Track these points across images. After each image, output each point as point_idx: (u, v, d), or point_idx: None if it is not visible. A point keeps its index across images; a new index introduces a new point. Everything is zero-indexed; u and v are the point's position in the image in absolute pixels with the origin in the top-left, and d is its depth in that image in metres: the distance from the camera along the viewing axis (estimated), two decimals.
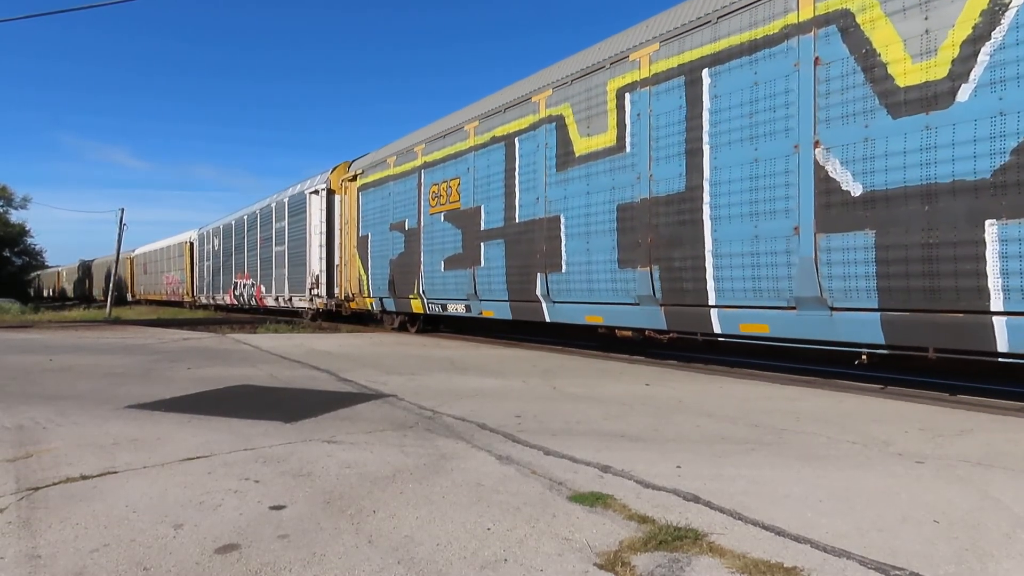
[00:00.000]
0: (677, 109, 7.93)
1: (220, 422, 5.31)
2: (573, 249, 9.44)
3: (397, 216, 14.38)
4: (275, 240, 22.03)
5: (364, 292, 15.97)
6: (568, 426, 5.14)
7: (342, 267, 17.32)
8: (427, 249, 13.15)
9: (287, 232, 20.78)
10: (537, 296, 10.17)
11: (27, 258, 62.34)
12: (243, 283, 25.75)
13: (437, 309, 13.14)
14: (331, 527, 3.02)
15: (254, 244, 24.31)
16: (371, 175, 15.86)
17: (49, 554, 2.74)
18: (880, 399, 6.32)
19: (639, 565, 2.58)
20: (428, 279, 13.12)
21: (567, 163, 9.56)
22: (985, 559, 2.63)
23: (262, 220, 23.39)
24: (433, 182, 13.06)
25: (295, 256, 19.95)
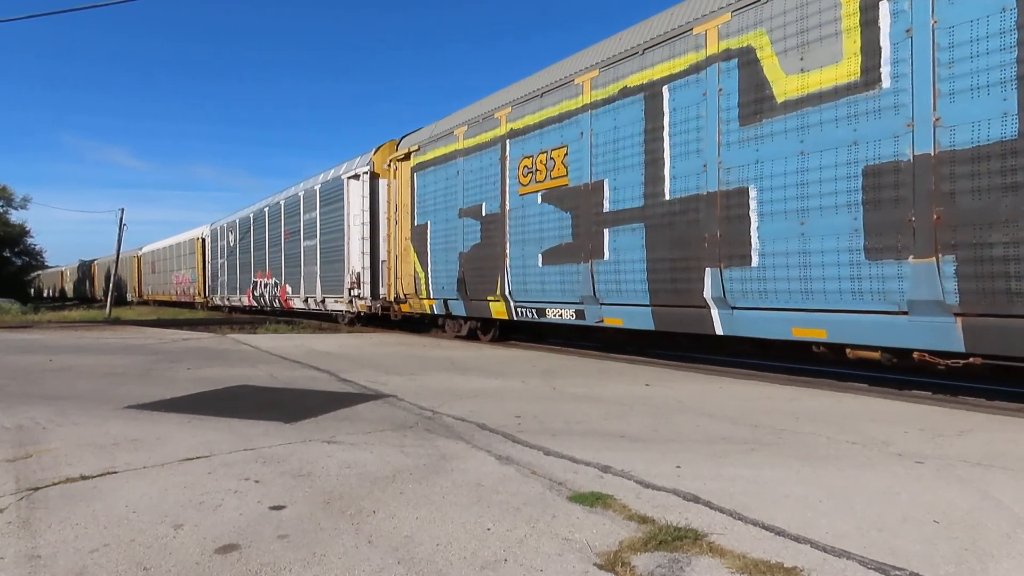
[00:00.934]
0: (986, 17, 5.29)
1: (220, 422, 5.31)
2: (772, 234, 6.79)
3: (470, 199, 11.84)
4: (304, 234, 19.54)
5: (422, 292, 13.56)
6: (568, 426, 5.14)
7: (391, 263, 14.93)
8: (516, 239, 10.60)
9: (319, 224, 18.33)
10: (704, 300, 7.57)
11: (27, 258, 62.39)
12: (264, 282, 23.53)
13: (529, 315, 10.54)
14: (331, 527, 3.02)
15: (277, 239, 21.92)
16: (430, 151, 13.28)
17: (49, 554, 2.74)
18: (880, 399, 6.32)
19: (639, 565, 2.58)
20: (517, 277, 10.61)
21: (760, 112, 6.91)
22: (985, 559, 2.63)
23: (287, 211, 20.99)
24: (525, 154, 10.42)
25: (330, 251, 17.61)
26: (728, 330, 7.50)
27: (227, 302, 28.14)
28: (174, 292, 36.82)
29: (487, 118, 11.54)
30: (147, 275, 43.69)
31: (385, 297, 15.38)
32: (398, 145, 14.97)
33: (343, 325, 18.18)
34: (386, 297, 15.34)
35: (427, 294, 13.42)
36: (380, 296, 15.56)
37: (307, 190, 19.32)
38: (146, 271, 44.00)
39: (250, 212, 25.16)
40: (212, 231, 30.55)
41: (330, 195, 17.59)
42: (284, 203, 21.42)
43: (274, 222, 22.37)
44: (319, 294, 18.48)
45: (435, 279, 13.07)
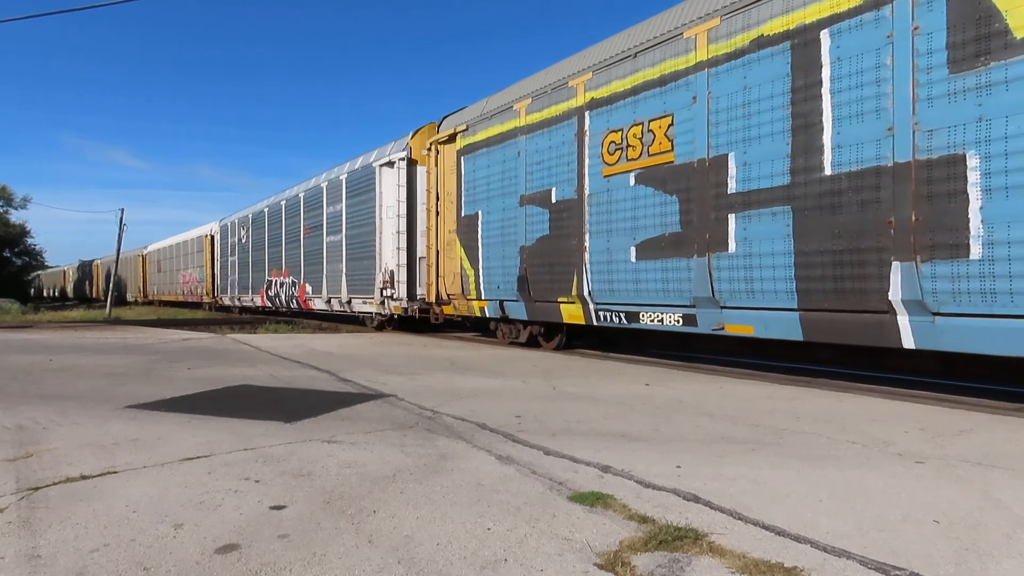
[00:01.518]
0: None
1: (220, 422, 5.31)
2: (1007, 215, 5.16)
3: (535, 183, 10.23)
4: (327, 228, 17.90)
5: (471, 293, 11.93)
6: (568, 426, 5.14)
7: (432, 260, 13.27)
8: (599, 229, 9.00)
9: (345, 217, 16.76)
10: (888, 303, 5.97)
11: (27, 258, 62.39)
12: (280, 282, 21.82)
13: (615, 319, 8.94)
14: (331, 527, 3.02)
15: (296, 234, 20.29)
16: (481, 131, 11.66)
17: (49, 554, 2.74)
18: (880, 399, 6.32)
19: (639, 565, 2.58)
20: (601, 274, 9.00)
21: (986, 53, 5.29)
22: (985, 559, 2.63)
23: (308, 204, 19.37)
24: (611, 127, 8.79)
25: (358, 247, 16.10)
26: (924, 342, 5.84)
27: (238, 302, 26.62)
28: (181, 292, 35.51)
29: (558, 88, 9.79)
30: (153, 275, 42.30)
31: (424, 298, 13.81)
32: (439, 127, 13.35)
33: (371, 328, 16.73)
34: (425, 298, 13.75)
35: (477, 294, 11.75)
36: (418, 297, 14.10)
37: (331, 181, 17.61)
38: (151, 270, 42.60)
39: (264, 206, 23.48)
40: (222, 227, 28.82)
41: (358, 185, 16.05)
42: (304, 195, 19.73)
43: (292, 216, 20.68)
44: (345, 294, 16.89)
45: (488, 277, 11.40)
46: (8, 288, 48.33)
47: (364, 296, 15.90)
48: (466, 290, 12.05)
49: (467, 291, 12.03)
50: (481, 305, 11.78)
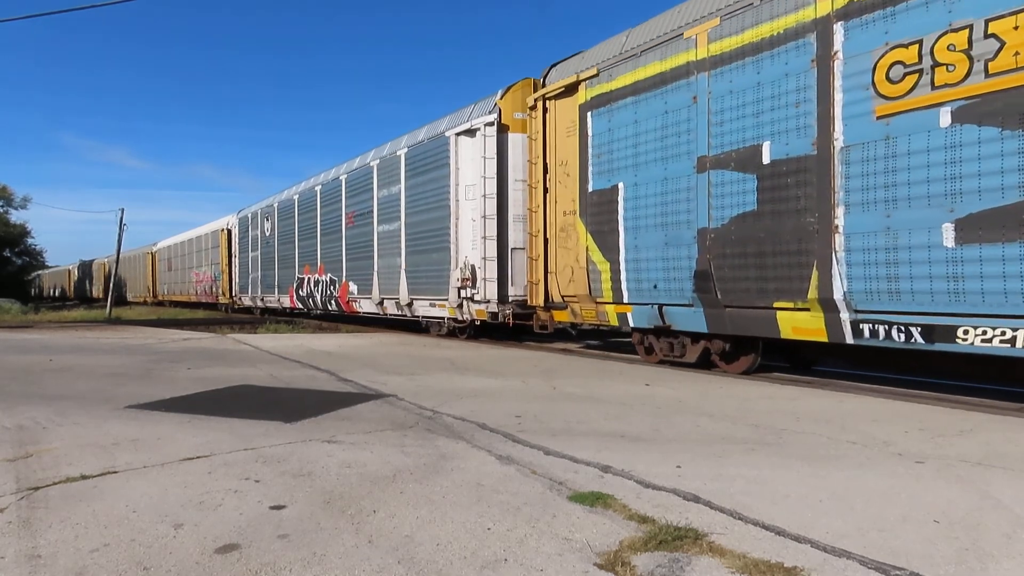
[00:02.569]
0: None
1: (220, 422, 5.31)
2: None
3: (728, 138, 7.49)
4: (379, 215, 15.14)
5: (603, 294, 9.23)
6: (568, 426, 5.14)
7: (536, 251, 10.51)
8: (866, 198, 6.22)
9: (404, 201, 14.08)
10: None
11: (27, 258, 62.49)
12: (314, 280, 18.90)
13: (899, 336, 6.09)
14: (331, 527, 3.02)
15: (335, 224, 17.48)
16: (623, 75, 8.90)
17: (49, 554, 2.74)
18: (880, 399, 6.32)
19: (639, 565, 2.58)
20: (874, 266, 6.21)
21: None
22: (985, 559, 2.63)
23: (351, 188, 16.56)
24: (893, 40, 5.98)
25: (423, 237, 13.48)
26: None
27: (261, 303, 23.88)
28: (194, 292, 32.72)
29: None
30: (163, 273, 39.45)
31: (519, 299, 11.37)
32: (545, 79, 10.60)
33: (438, 336, 13.93)
34: (524, 299, 11.21)
35: (614, 296, 9.02)
36: (509, 298, 11.48)
37: (385, 158, 14.97)
38: (161, 269, 39.70)
39: (294, 193, 20.76)
40: (241, 219, 25.80)
41: (424, 161, 13.37)
42: (347, 178, 16.84)
43: (331, 203, 17.73)
44: (404, 295, 14.13)
45: (635, 274, 8.68)
46: (8, 288, 48.34)
47: (432, 297, 13.25)
48: (595, 290, 9.25)
49: (596, 291, 9.22)
50: (621, 311, 8.91)
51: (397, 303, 14.67)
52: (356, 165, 16.66)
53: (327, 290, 18.31)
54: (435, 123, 13.55)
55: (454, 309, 12.50)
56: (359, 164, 16.46)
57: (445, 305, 12.85)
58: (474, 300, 12.02)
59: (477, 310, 12.01)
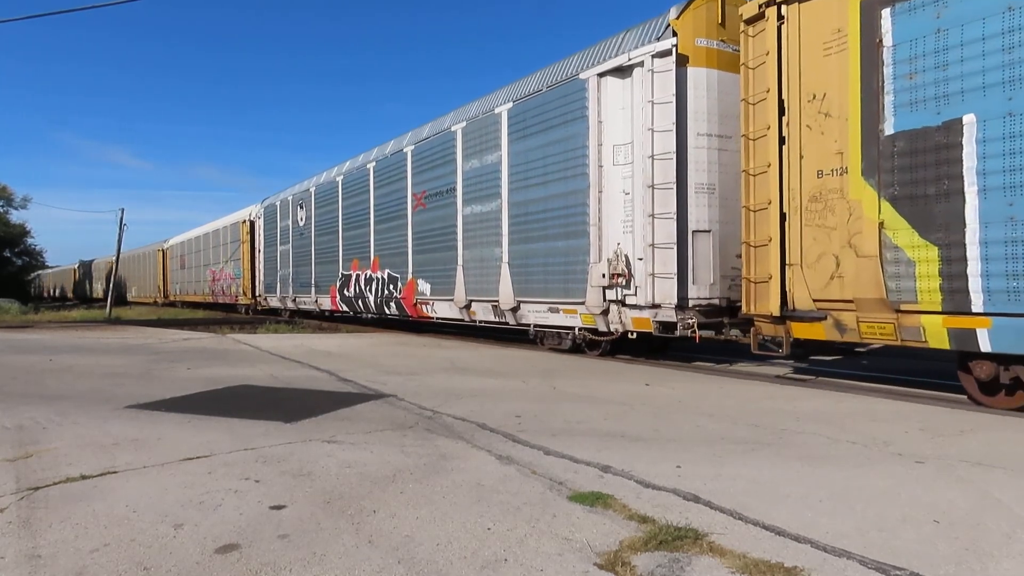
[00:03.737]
0: None
1: (220, 422, 5.31)
2: None
3: None
4: (464, 193, 12.19)
5: (916, 297, 6.12)
6: (568, 426, 5.14)
7: (764, 231, 7.36)
8: None
9: (507, 172, 11.00)
10: None
11: (27, 258, 62.49)
12: (366, 277, 15.87)
13: None
14: (331, 527, 3.02)
15: (397, 207, 14.42)
16: None
17: (49, 554, 2.74)
18: (880, 399, 6.32)
19: (639, 565, 2.58)
20: None
21: None
22: (985, 559, 2.63)
23: (420, 161, 13.66)
24: None
25: (536, 219, 10.42)
26: None
27: (292, 304, 20.88)
28: (210, 292, 29.86)
29: None
30: (174, 272, 36.52)
31: (709, 305, 8.47)
32: None
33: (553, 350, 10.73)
34: (720, 304, 8.45)
35: (947, 300, 5.92)
36: (690, 302, 8.38)
37: (475, 119, 11.95)
38: (173, 267, 36.74)
39: (336, 174, 17.70)
40: (267, 209, 22.81)
41: (540, 117, 10.30)
42: (414, 151, 13.87)
43: (389, 181, 14.81)
44: (508, 296, 10.99)
45: (1001, 262, 5.57)
46: (8, 288, 48.30)
47: (554, 300, 10.16)
48: (897, 291, 6.22)
49: (900, 293, 6.20)
50: (961, 326, 5.80)
51: (495, 307, 11.34)
52: (427, 133, 13.58)
53: (384, 290, 15.05)
54: (556, 66, 10.26)
55: (593, 316, 9.29)
56: (432, 132, 13.36)
57: (576, 311, 9.66)
58: (625, 304, 8.89)
59: (635, 318, 8.77)
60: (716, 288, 8.46)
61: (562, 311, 10.10)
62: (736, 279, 8.14)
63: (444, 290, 12.93)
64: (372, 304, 15.77)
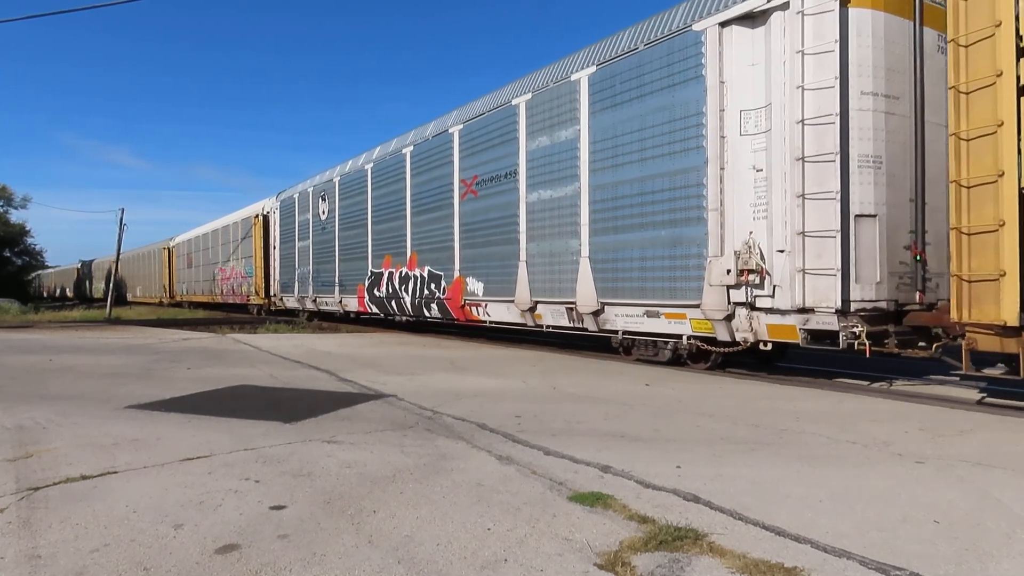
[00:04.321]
0: None
1: (220, 422, 5.31)
2: None
3: None
4: (528, 176, 10.50)
5: None
6: (568, 426, 5.14)
7: (989, 212, 5.55)
8: None
9: (588, 149, 9.40)
10: None
11: (27, 258, 62.53)
12: (400, 275, 14.32)
13: None
14: (331, 527, 3.02)
15: (440, 195, 12.84)
16: None
17: (49, 554, 2.74)
18: (880, 399, 6.32)
19: (639, 565, 2.58)
20: None
21: None
22: (985, 559, 2.63)
23: (469, 143, 11.94)
24: None
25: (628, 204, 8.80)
26: None
27: (311, 305, 19.25)
28: (219, 291, 28.23)
29: None
30: (180, 271, 34.90)
31: (874, 308, 6.77)
32: None
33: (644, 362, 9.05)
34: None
35: None
36: (853, 305, 6.75)
37: (543, 90, 10.23)
38: (179, 266, 35.06)
39: (364, 163, 16.10)
40: (283, 202, 21.29)
41: (635, 81, 8.71)
42: (462, 131, 12.21)
43: (430, 167, 13.24)
44: (589, 298, 9.29)
45: None
46: (8, 288, 48.30)
47: (656, 302, 8.42)
48: None
49: None
50: None
51: (570, 310, 9.66)
52: (479, 110, 11.84)
53: (424, 289, 13.46)
54: (656, 19, 8.68)
55: (711, 323, 7.77)
56: (485, 108, 11.67)
57: (685, 316, 8.07)
58: (756, 307, 7.37)
59: (773, 325, 7.25)
60: (883, 288, 6.80)
61: (664, 316, 8.28)
62: (905, 276, 6.87)
63: (501, 290, 11.17)
64: (408, 305, 14.12)
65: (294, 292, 20.34)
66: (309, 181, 19.58)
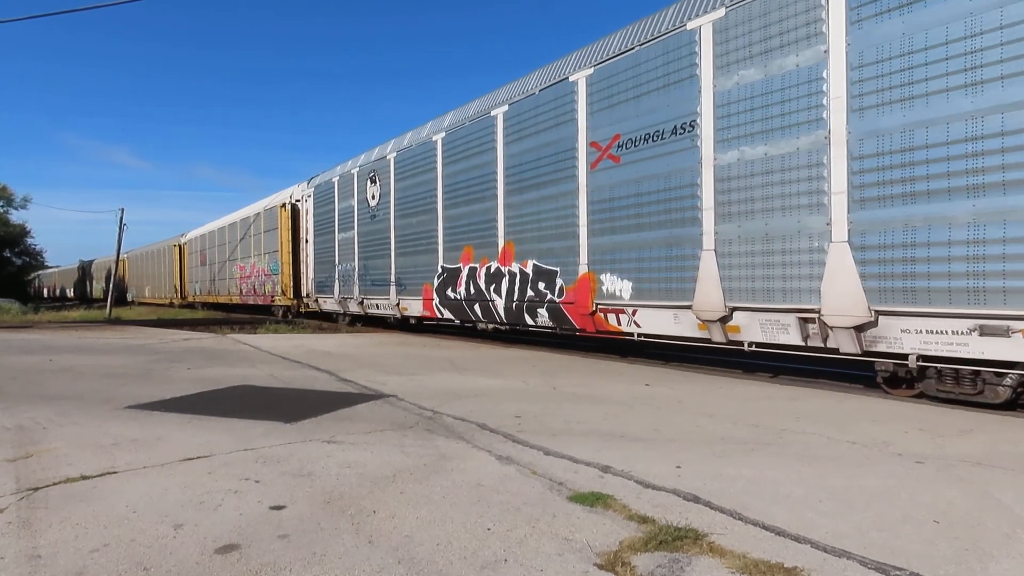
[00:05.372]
0: None
1: (220, 422, 5.31)
2: None
3: None
4: (716, 131, 7.53)
5: None
6: (568, 426, 5.14)
7: None
8: None
9: (845, 74, 6.24)
10: None
11: (27, 258, 62.60)
12: (487, 271, 11.31)
13: None
14: (331, 527, 3.02)
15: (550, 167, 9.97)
16: None
17: (49, 554, 2.74)
18: (880, 399, 6.32)
19: (639, 565, 2.58)
20: None
21: None
22: (985, 559, 2.63)
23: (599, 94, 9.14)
24: None
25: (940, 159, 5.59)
26: None
27: (356, 308, 16.25)
28: (238, 291, 25.47)
29: None
30: (193, 269, 32.35)
31: None
32: None
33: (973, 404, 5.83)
34: None
35: None
36: None
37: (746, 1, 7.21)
38: (191, 264, 32.52)
39: (433, 132, 13.06)
40: (317, 188, 18.51)
41: None
42: (588, 79, 9.35)
43: (532, 131, 10.31)
44: (855, 305, 6.17)
45: None
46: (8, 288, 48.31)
47: (996, 313, 5.32)
48: None
49: None
50: None
51: (806, 320, 6.71)
52: (619, 48, 8.90)
53: (527, 290, 10.41)
54: None
55: None
56: (631, 42, 8.71)
57: None
58: None
59: None
60: None
61: (1020, 333, 5.22)
62: None
63: (664, 292, 8.20)
64: (499, 310, 11.03)
65: (333, 292, 17.40)
66: (352, 161, 16.69)
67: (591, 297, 9.26)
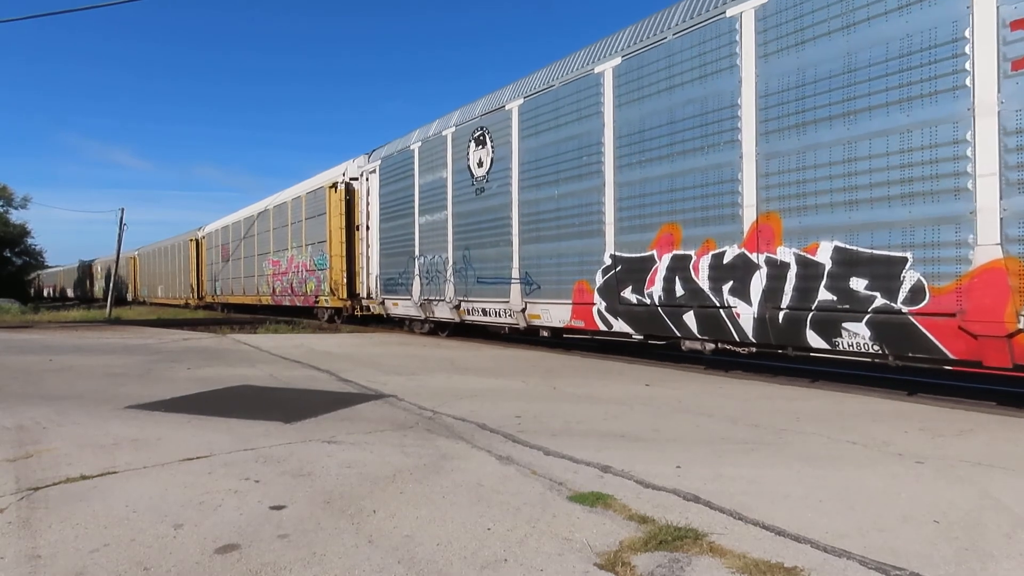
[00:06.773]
0: None
1: (220, 422, 5.31)
2: None
3: None
4: None
5: None
6: (568, 426, 5.14)
7: None
8: None
9: None
10: None
11: (27, 258, 62.61)
12: (709, 260, 7.38)
13: None
14: (331, 527, 3.02)
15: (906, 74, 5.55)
16: None
17: (49, 554, 2.74)
18: (880, 399, 6.32)
19: (639, 565, 2.58)
20: None
21: None
22: (985, 559, 2.63)
23: None
24: None
25: None
26: None
27: (447, 312, 12.54)
28: (269, 290, 21.92)
29: None
30: (213, 266, 29.40)
31: None
32: None
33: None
34: None
35: None
36: None
37: None
38: (211, 260, 29.50)
39: (593, 61, 9.09)
40: (384, 160, 14.80)
41: None
42: None
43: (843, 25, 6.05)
44: None
45: None
46: (8, 288, 48.31)
47: None
48: None
49: None
50: None
51: None
52: None
53: (824, 290, 6.37)
54: None
55: None
56: None
57: None
58: None
59: None
60: None
61: None
62: None
63: None
64: (746, 323, 7.11)
65: (411, 292, 13.69)
66: (439, 122, 12.94)
67: (1009, 305, 5.11)
